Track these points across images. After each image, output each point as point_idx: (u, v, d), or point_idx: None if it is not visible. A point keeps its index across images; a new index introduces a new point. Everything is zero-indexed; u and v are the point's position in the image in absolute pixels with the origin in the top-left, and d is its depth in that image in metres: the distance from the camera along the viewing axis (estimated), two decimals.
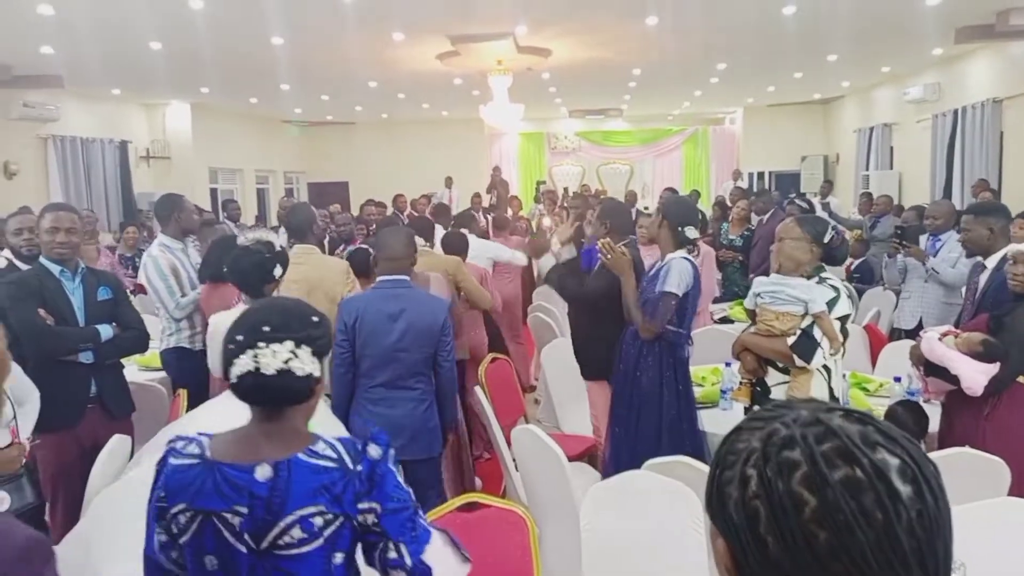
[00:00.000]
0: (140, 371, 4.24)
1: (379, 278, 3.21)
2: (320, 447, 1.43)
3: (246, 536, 1.38)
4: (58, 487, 3.07)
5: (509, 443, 3.25)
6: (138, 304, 4.39)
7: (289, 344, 1.43)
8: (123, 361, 3.48)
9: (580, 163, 18.58)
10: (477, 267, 5.05)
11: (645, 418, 3.20)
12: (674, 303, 3.15)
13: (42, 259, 3.21)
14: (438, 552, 1.43)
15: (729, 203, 8.73)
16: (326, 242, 7.20)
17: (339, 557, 1.42)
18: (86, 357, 3.18)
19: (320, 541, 1.39)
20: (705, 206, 11.48)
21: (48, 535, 2.77)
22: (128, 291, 4.53)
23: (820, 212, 8.20)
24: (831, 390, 2.79)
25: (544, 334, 5.27)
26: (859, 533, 0.66)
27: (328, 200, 12.16)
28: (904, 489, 0.68)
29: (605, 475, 3.28)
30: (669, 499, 2.33)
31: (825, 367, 2.75)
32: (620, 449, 3.32)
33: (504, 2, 6.88)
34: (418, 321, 3.08)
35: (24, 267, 3.59)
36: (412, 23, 7.46)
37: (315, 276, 3.77)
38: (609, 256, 3.33)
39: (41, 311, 3.05)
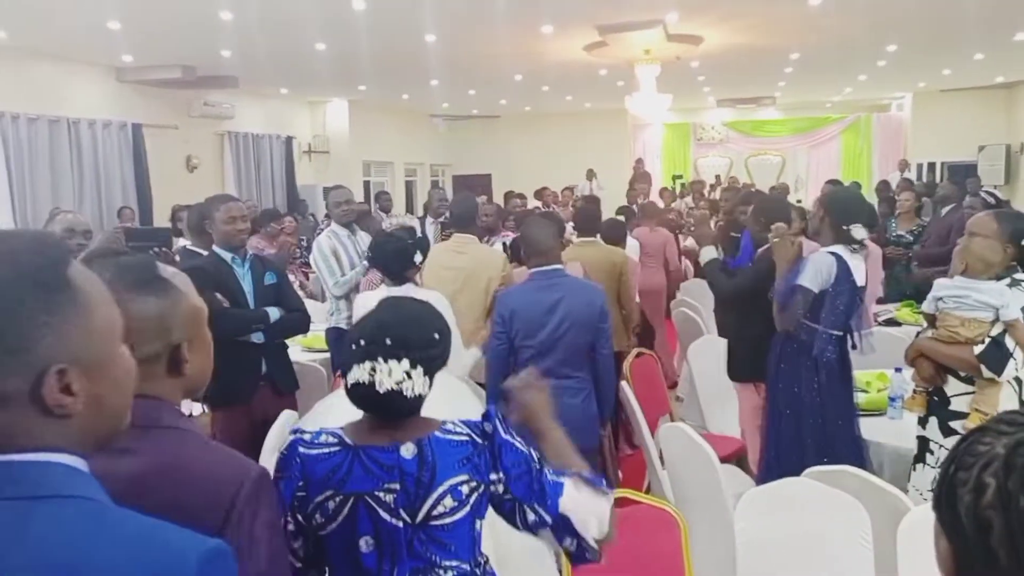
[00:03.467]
0: (302, 352, 4.52)
1: (532, 271, 3.21)
2: (450, 426, 1.51)
3: (401, 511, 1.44)
4: None
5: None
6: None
7: (405, 363, 1.44)
8: (287, 342, 3.72)
9: (727, 155, 17.87)
10: (632, 259, 5.00)
11: (787, 424, 3.07)
12: (804, 297, 2.95)
13: (215, 247, 3.49)
14: (573, 499, 1.46)
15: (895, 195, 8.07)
16: None
17: (479, 524, 1.50)
18: (257, 337, 3.41)
19: (468, 508, 1.46)
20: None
21: None
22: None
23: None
24: (1022, 404, 2.51)
25: (689, 330, 5.12)
26: None
27: (472, 192, 12.43)
28: None
29: (758, 479, 3.15)
30: (833, 510, 2.19)
31: (1017, 379, 2.49)
32: (770, 453, 3.20)
33: None
34: (576, 310, 3.05)
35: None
36: (561, 15, 7.46)
37: (472, 266, 3.85)
38: (778, 239, 3.19)
39: (217, 295, 3.32)
